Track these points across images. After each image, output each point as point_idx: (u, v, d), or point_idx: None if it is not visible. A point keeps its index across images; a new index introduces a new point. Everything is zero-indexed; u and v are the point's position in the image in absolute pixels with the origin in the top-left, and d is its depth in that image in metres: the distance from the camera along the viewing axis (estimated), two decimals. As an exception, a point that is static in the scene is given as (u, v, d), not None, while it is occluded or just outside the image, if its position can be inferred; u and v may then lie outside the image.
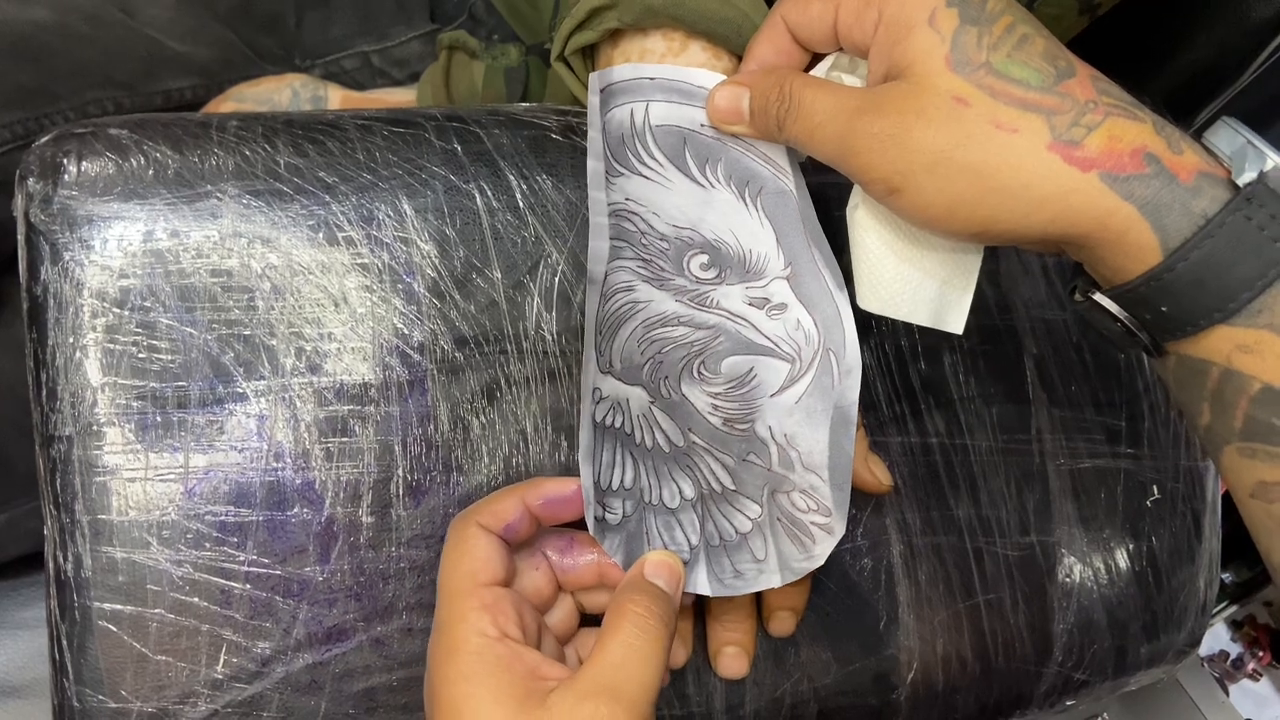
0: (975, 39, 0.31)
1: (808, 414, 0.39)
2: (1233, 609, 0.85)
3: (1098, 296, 0.33)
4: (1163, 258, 0.30)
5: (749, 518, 0.40)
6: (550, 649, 0.38)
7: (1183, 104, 0.68)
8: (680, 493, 0.40)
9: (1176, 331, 0.31)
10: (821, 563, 0.40)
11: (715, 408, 0.39)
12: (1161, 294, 0.30)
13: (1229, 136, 0.30)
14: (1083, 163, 0.30)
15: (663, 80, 0.39)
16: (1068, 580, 0.49)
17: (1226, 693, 0.76)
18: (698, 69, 0.39)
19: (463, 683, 0.33)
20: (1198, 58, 0.66)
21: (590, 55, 0.44)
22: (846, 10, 0.34)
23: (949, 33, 0.31)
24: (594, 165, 0.41)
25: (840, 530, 0.39)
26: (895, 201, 0.33)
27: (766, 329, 0.39)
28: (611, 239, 0.40)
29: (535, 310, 0.42)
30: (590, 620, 0.41)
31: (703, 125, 0.39)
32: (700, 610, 0.43)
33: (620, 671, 0.33)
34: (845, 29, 0.35)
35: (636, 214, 0.40)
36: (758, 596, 0.43)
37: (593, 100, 0.41)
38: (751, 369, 0.39)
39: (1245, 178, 0.29)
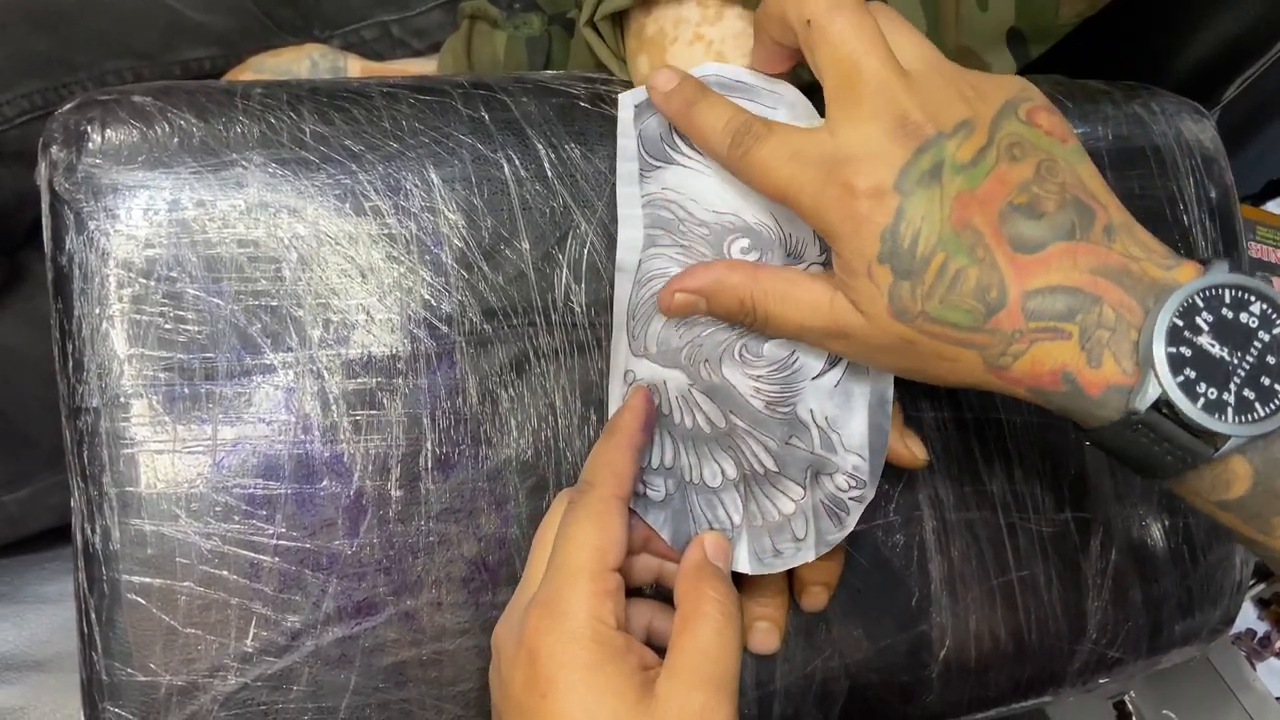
0: (909, 292, 0.34)
1: (847, 396, 0.38)
2: (1260, 586, 0.84)
3: None
4: (1085, 434, 0.36)
5: (792, 499, 0.39)
6: None
7: (1212, 76, 0.67)
8: (722, 472, 0.39)
9: None
10: (850, 529, 0.40)
11: (757, 390, 0.38)
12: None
13: (1145, 346, 0.33)
14: (1013, 381, 0.35)
15: (701, 77, 0.39)
16: (1102, 557, 0.48)
17: (1255, 670, 0.76)
18: (736, 66, 0.39)
19: (584, 670, 0.33)
20: (1226, 30, 0.65)
21: (619, 21, 0.43)
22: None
23: (885, 287, 0.34)
24: (625, 166, 0.41)
25: (870, 496, 0.40)
26: None
27: None
28: (647, 228, 0.40)
29: (564, 282, 0.42)
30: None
31: None
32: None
33: (719, 662, 0.34)
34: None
35: (674, 202, 0.39)
36: (790, 571, 0.43)
37: (624, 115, 0.41)
38: (793, 352, 0.38)
39: (1141, 399, 0.32)
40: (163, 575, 0.37)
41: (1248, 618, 0.86)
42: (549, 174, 0.42)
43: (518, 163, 0.42)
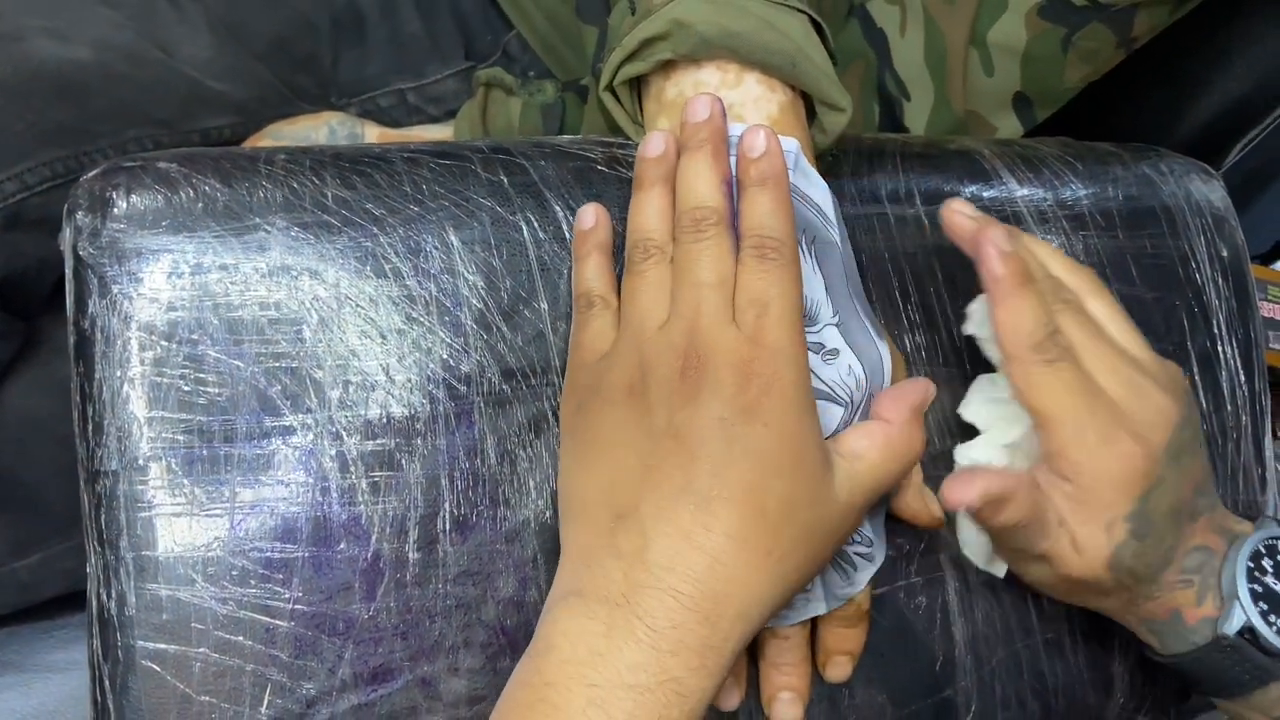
0: (1133, 552, 0.39)
1: None
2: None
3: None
4: (1165, 657, 0.43)
5: None
6: None
7: (1217, 137, 0.68)
8: None
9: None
10: (862, 588, 0.40)
11: None
12: (1173, 670, 0.43)
13: (1229, 584, 0.41)
14: (1133, 612, 0.42)
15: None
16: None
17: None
18: (740, 124, 0.39)
19: (807, 412, 0.36)
20: (1230, 91, 0.66)
21: (637, 86, 0.43)
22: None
23: (1115, 543, 0.39)
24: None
25: (880, 558, 0.40)
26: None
27: (823, 374, 0.38)
28: None
29: (582, 342, 0.42)
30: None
31: None
32: (753, 653, 0.42)
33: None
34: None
35: None
36: (812, 640, 0.42)
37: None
38: None
39: (1229, 625, 0.40)
40: (178, 641, 0.37)
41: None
42: (567, 236, 0.42)
43: (536, 225, 0.42)
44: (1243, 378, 0.52)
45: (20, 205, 0.56)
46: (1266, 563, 0.41)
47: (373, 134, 0.64)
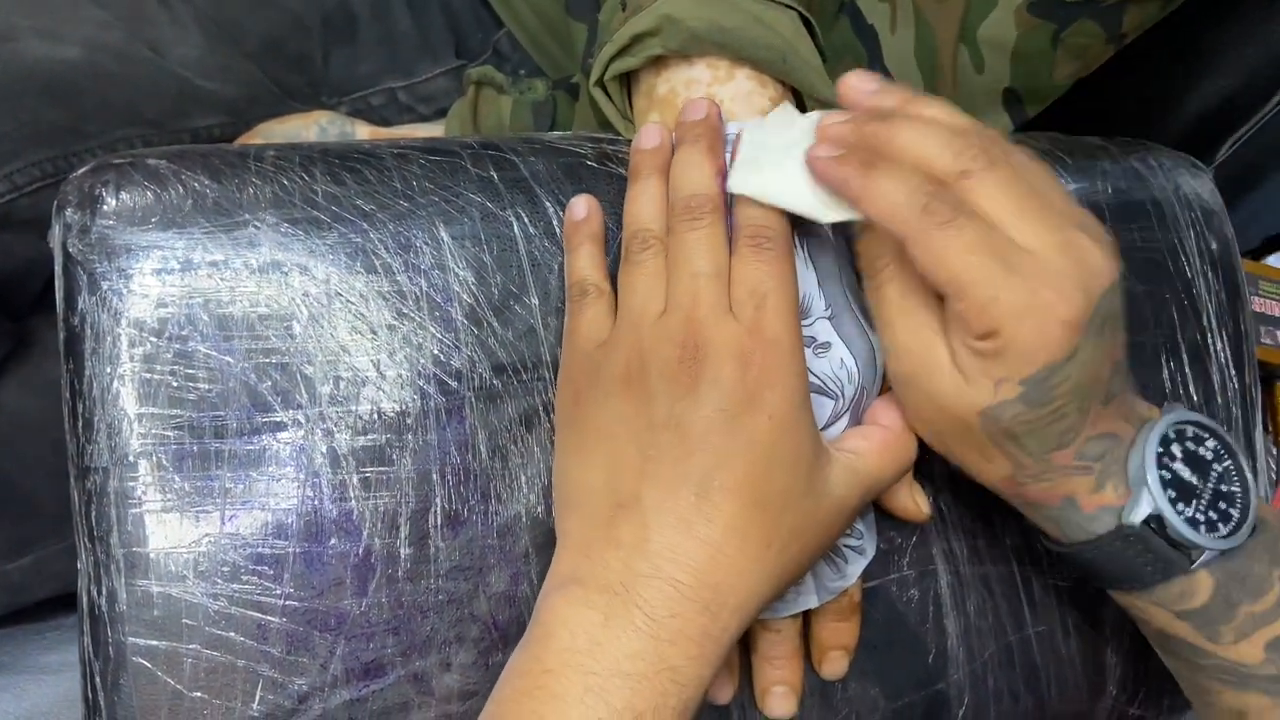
0: (1014, 416, 0.35)
1: None
2: None
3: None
4: (1065, 546, 0.40)
5: None
6: None
7: (1205, 134, 0.68)
8: None
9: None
10: (853, 581, 0.40)
11: None
12: (1071, 562, 0.40)
13: (1137, 470, 0.37)
14: (1018, 496, 0.39)
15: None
16: (1120, 611, 0.47)
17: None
18: (736, 123, 0.40)
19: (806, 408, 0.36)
20: (1219, 88, 0.66)
21: (627, 82, 0.43)
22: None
23: (1000, 401, 0.35)
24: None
25: (871, 551, 0.41)
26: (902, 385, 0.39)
27: (815, 367, 0.39)
28: None
29: (573, 338, 0.42)
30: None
31: None
32: (745, 647, 0.42)
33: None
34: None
35: None
36: (806, 634, 0.42)
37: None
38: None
39: (1135, 514, 0.37)
40: (169, 638, 0.37)
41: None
42: (557, 231, 0.42)
43: (526, 220, 0.42)
44: (1232, 371, 0.52)
45: (10, 206, 0.56)
46: (1175, 449, 0.38)
47: (363, 133, 0.64)
